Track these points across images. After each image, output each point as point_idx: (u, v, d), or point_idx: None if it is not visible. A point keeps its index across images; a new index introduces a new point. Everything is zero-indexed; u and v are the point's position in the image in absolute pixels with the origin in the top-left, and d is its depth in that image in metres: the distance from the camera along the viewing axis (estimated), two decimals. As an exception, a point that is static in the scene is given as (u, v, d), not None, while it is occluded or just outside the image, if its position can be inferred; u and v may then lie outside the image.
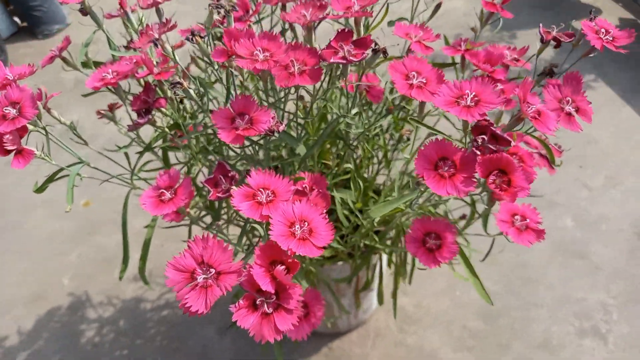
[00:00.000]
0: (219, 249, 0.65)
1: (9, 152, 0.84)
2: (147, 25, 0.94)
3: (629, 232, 1.93)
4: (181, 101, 1.04)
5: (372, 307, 1.70)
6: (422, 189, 0.86)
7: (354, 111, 0.98)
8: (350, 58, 0.80)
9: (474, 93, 0.75)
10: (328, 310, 1.55)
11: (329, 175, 1.17)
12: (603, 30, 0.95)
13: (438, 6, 1.15)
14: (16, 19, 3.09)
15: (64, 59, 1.12)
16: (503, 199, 0.71)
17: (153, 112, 1.00)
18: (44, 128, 0.91)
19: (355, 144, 1.10)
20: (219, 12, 0.89)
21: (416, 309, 1.74)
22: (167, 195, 0.82)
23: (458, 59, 1.15)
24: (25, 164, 0.85)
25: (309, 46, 0.85)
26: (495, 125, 0.75)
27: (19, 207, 2.21)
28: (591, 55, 1.02)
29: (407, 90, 0.82)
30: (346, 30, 0.84)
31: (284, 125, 0.81)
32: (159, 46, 0.88)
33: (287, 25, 1.12)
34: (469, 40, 1.10)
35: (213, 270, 0.64)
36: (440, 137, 0.76)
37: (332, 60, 0.80)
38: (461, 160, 0.73)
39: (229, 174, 0.82)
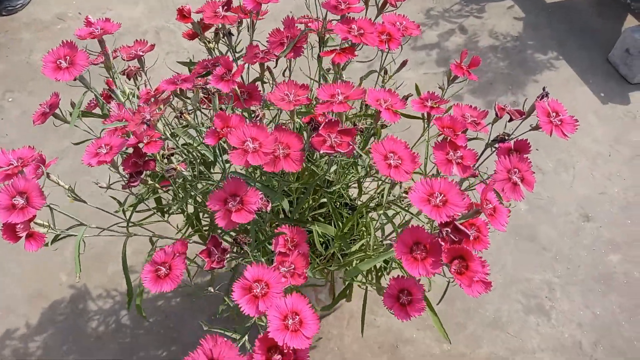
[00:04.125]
0: (227, 347, 0.82)
1: (20, 237, 0.94)
2: (139, 106, 1.02)
3: (575, 214, 2.15)
4: (169, 159, 1.15)
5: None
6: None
7: (332, 168, 1.12)
8: (337, 149, 0.93)
9: (442, 194, 0.89)
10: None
11: (307, 210, 1.32)
12: (554, 113, 1.07)
13: (404, 63, 1.25)
14: (-24, -5, 2.97)
15: (55, 115, 1.19)
16: (462, 283, 0.88)
17: (144, 174, 1.11)
18: (49, 206, 1.01)
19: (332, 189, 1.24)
20: (204, 93, 0.98)
21: (386, 292, 1.96)
22: (163, 270, 0.96)
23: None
24: (38, 246, 0.96)
25: (293, 132, 0.96)
26: (457, 221, 0.91)
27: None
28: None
29: (387, 170, 0.95)
30: (333, 120, 0.96)
31: (270, 205, 0.95)
32: (151, 126, 0.97)
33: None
34: (438, 97, 1.20)
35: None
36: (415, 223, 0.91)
37: (321, 151, 0.93)
38: (431, 246, 0.89)
39: (221, 246, 0.96)
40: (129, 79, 1.29)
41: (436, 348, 1.85)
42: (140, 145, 1.09)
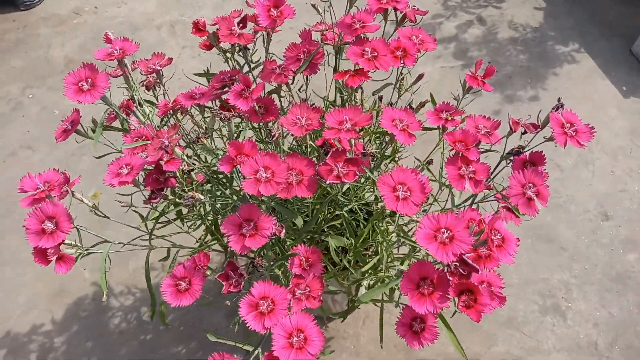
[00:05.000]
0: None
1: (51, 261, 0.97)
2: (159, 130, 1.03)
3: (593, 212, 2.13)
4: (189, 174, 1.17)
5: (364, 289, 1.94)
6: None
7: (344, 187, 1.12)
8: (344, 179, 0.93)
9: (449, 230, 0.88)
10: (324, 303, 1.78)
11: (323, 221, 1.33)
12: (568, 124, 1.05)
13: (420, 76, 1.24)
14: (-6, -11, 2.98)
15: (76, 131, 1.21)
16: (470, 316, 0.89)
17: (164, 190, 1.13)
18: (76, 228, 1.04)
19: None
20: (222, 120, 0.99)
21: (401, 291, 1.98)
22: (183, 285, 0.99)
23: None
24: (67, 268, 0.99)
25: (305, 157, 0.96)
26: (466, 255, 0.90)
27: (30, 199, 2.34)
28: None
29: (394, 204, 0.93)
30: (340, 149, 0.96)
31: (284, 230, 0.96)
32: (168, 152, 0.99)
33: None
34: (453, 107, 1.19)
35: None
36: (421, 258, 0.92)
37: (328, 181, 0.93)
38: (438, 280, 0.89)
39: (238, 270, 0.98)
40: (148, 90, 1.30)
41: (451, 347, 1.87)
42: (161, 162, 1.11)
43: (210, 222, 1.32)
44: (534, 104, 2.45)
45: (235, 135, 1.07)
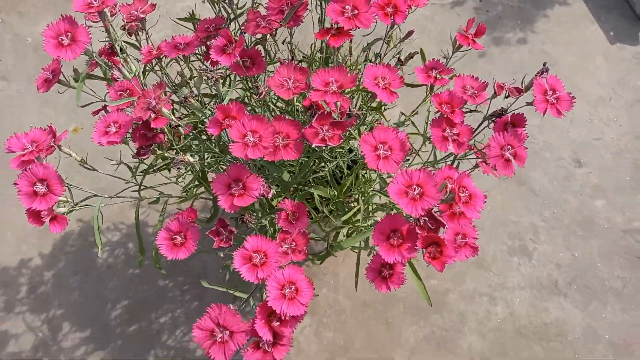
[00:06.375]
0: (230, 315, 0.90)
1: (44, 222, 0.99)
2: (144, 89, 1.01)
3: (568, 159, 2.21)
4: (177, 128, 1.17)
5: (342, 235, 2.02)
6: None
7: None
8: (329, 142, 0.95)
9: (420, 187, 0.93)
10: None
11: (308, 172, 1.36)
12: (551, 91, 1.08)
13: (410, 33, 1.22)
14: None
15: (59, 81, 1.18)
16: (435, 266, 0.96)
17: (153, 146, 1.13)
18: (67, 186, 1.05)
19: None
20: (208, 78, 0.98)
21: (380, 231, 2.07)
22: (179, 239, 1.03)
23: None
24: (62, 228, 1.01)
25: (292, 120, 0.97)
26: (435, 210, 0.96)
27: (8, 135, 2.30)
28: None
29: (375, 163, 0.98)
30: (326, 112, 0.96)
31: (272, 191, 0.99)
32: (156, 113, 0.98)
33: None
34: (442, 65, 1.19)
35: (227, 332, 0.90)
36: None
37: (313, 144, 0.95)
38: (407, 232, 0.95)
39: (228, 227, 1.03)
40: (130, 36, 1.26)
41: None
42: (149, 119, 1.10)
43: (198, 173, 1.35)
44: (521, 47, 2.43)
45: (223, 93, 1.07)
